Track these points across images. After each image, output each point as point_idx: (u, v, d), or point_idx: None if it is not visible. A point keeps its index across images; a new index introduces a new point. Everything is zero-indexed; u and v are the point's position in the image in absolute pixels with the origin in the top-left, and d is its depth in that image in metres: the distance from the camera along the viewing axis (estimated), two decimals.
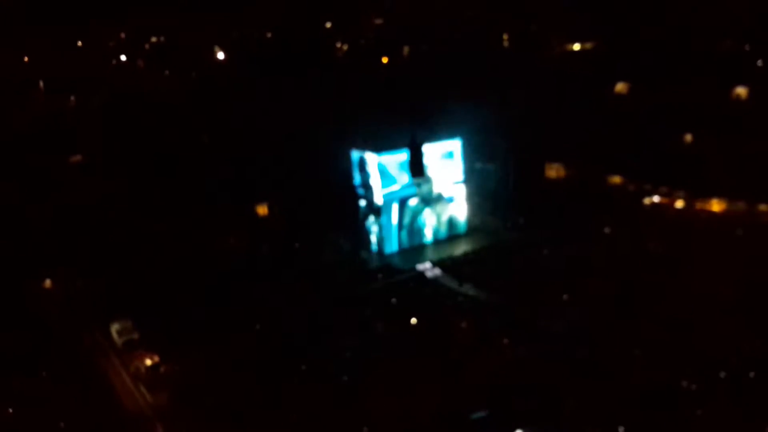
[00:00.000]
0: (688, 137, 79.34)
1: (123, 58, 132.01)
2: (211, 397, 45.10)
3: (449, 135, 72.48)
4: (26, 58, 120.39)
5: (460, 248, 69.33)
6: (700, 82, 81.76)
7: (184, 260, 64.80)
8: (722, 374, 41.98)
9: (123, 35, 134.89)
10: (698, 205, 72.43)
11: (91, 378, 49.81)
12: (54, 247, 66.89)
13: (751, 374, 41.58)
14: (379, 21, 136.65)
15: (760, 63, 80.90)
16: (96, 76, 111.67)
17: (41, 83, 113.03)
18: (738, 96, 79.53)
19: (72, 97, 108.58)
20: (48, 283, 64.20)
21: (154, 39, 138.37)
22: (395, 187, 69.88)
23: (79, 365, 51.16)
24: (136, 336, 53.27)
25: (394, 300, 58.69)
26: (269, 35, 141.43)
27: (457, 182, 73.09)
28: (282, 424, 41.75)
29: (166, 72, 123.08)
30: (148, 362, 49.90)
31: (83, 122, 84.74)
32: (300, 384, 46.19)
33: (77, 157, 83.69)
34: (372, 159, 69.03)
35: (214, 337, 53.24)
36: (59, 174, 69.19)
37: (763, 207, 68.01)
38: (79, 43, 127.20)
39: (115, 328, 54.31)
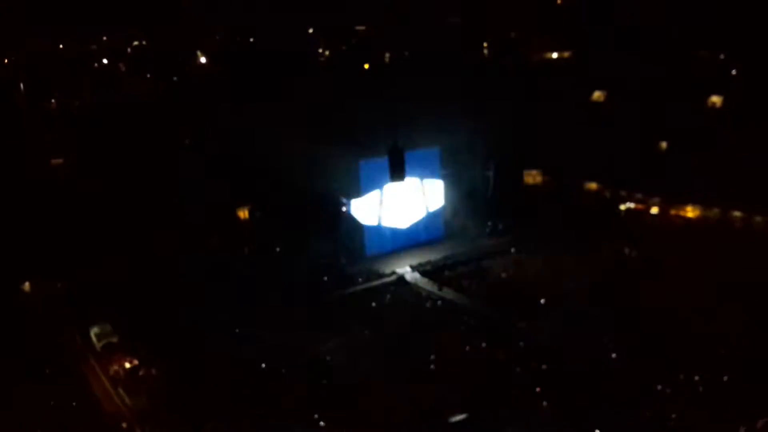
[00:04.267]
0: (664, 144, 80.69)
1: (105, 61, 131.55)
2: (190, 401, 45.13)
3: (429, 141, 73.52)
4: (6, 60, 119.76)
5: (440, 253, 69.91)
6: (676, 90, 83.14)
7: (164, 263, 64.71)
8: (696, 377, 42.55)
9: (105, 38, 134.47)
10: (673, 211, 73.68)
11: (70, 382, 49.48)
12: (32, 249, 66.49)
13: (725, 377, 42.25)
14: (361, 27, 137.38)
15: (734, 72, 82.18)
16: (77, 80, 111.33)
17: (22, 86, 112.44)
18: (713, 104, 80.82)
19: (53, 101, 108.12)
20: (27, 286, 63.84)
21: (136, 43, 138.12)
22: (376, 192, 70.51)
23: (57, 369, 50.86)
24: (115, 339, 53.07)
25: (373, 303, 59.20)
26: (252, 40, 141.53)
27: (437, 187, 73.99)
28: (261, 427, 41.81)
29: (148, 76, 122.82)
30: (127, 365, 49.82)
31: (65, 125, 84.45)
32: (279, 387, 46.28)
33: (58, 161, 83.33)
34: (353, 163, 69.70)
35: (193, 340, 53.27)
36: (40, 177, 69.00)
37: (736, 213, 69.30)
38: (61, 46, 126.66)
39: (94, 331, 54.06)
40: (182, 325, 55.27)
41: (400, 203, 71.77)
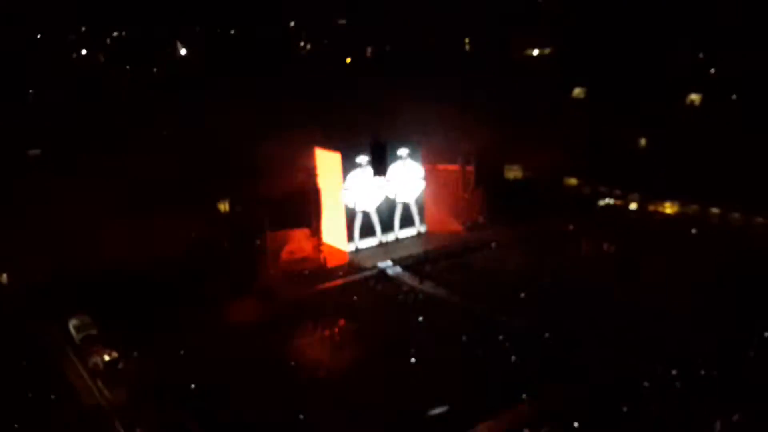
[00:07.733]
0: (643, 141, 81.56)
1: (83, 52, 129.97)
2: (169, 394, 44.96)
3: (411, 135, 73.71)
4: None
5: (421, 247, 70.12)
6: (655, 88, 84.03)
7: (143, 255, 64.20)
8: (673, 372, 43.07)
9: (83, 28, 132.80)
10: (651, 207, 74.50)
11: (48, 374, 49.11)
12: (9, 241, 65.70)
13: (701, 372, 42.83)
14: (342, 21, 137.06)
15: (712, 71, 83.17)
16: (56, 70, 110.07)
17: None
18: (692, 102, 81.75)
19: (31, 91, 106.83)
20: (3, 277, 63.12)
21: (115, 33, 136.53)
22: (357, 186, 70.58)
23: (35, 361, 50.41)
24: (94, 331, 52.68)
25: (355, 297, 59.23)
26: (232, 32, 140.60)
27: (418, 182, 74.22)
28: (239, 420, 41.77)
29: (127, 67, 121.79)
30: (107, 358, 49.49)
31: (43, 116, 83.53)
32: (258, 381, 46.21)
33: (36, 152, 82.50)
34: (335, 157, 69.77)
35: (172, 333, 53.02)
36: (18, 168, 68.30)
37: (714, 209, 70.24)
38: (38, 36, 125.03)
39: (72, 323, 53.69)
40: (162, 317, 54.97)
41: (379, 196, 72.01)
